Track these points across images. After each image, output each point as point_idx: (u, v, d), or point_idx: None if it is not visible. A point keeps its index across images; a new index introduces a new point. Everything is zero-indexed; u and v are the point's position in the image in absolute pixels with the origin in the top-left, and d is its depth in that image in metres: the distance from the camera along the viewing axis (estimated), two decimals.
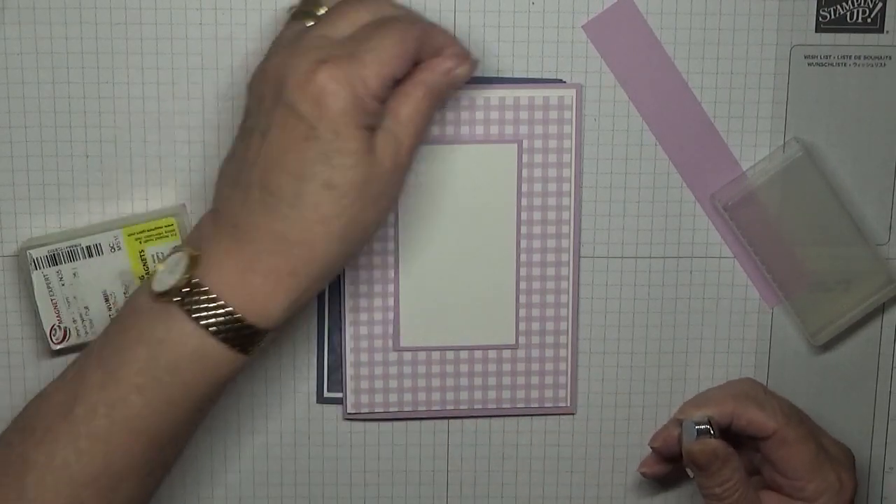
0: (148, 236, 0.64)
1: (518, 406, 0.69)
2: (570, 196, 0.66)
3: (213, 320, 0.54)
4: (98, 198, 0.66)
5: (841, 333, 0.68)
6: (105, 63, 0.65)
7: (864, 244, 0.67)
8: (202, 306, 0.54)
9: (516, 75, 0.66)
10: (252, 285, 0.54)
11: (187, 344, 0.54)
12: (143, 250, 0.64)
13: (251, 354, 0.55)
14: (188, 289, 0.54)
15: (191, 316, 0.54)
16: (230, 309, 0.54)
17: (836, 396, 0.70)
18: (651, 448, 0.68)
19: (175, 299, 0.54)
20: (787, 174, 0.66)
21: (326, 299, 0.67)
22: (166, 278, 0.54)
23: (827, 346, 0.69)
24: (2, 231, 0.66)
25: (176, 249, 0.56)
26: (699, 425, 0.63)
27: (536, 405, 0.69)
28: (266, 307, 0.54)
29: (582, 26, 0.65)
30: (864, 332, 0.69)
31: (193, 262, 0.54)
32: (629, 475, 0.70)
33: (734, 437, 0.65)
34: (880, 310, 0.69)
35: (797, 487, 0.64)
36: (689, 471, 0.65)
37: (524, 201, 0.66)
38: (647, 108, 0.66)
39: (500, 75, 0.66)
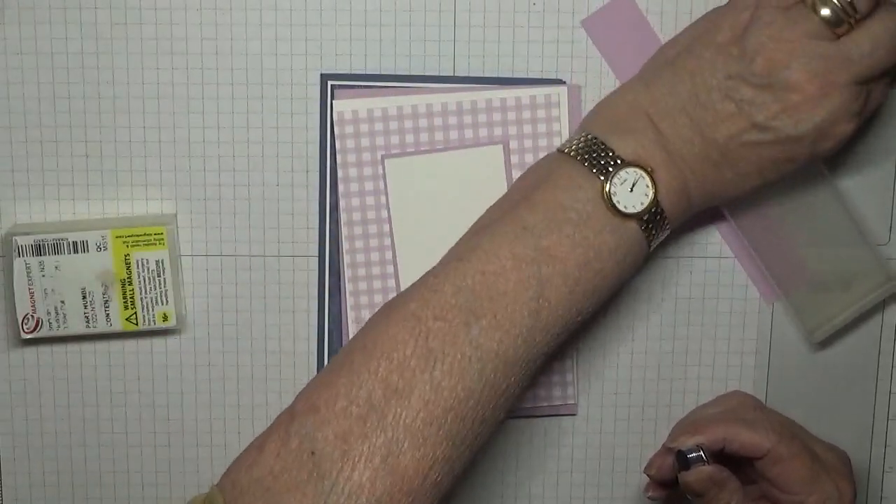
0: (136, 241, 0.64)
1: (526, 406, 0.68)
2: None
3: (660, 238, 0.60)
4: (98, 198, 0.66)
5: (841, 333, 0.68)
6: (105, 63, 0.65)
7: (864, 244, 0.67)
8: (656, 228, 0.59)
9: (516, 75, 0.66)
10: (687, 210, 0.61)
11: (639, 261, 0.60)
12: (128, 254, 0.64)
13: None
14: (648, 213, 0.58)
15: (647, 236, 0.59)
16: (670, 228, 0.61)
17: (836, 396, 0.70)
18: (647, 476, 0.68)
19: (638, 219, 0.58)
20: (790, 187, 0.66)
21: (326, 300, 0.67)
22: (633, 199, 0.58)
23: (827, 346, 0.69)
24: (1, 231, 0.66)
25: (616, 160, 0.58)
26: (690, 454, 0.63)
27: (545, 403, 0.69)
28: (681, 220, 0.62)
29: (581, 22, 0.65)
30: (863, 331, 0.69)
31: (655, 187, 0.58)
32: (630, 475, 0.70)
33: (728, 454, 0.65)
34: (880, 309, 0.69)
35: (796, 502, 0.64)
36: (688, 496, 0.65)
37: None
38: None
39: (499, 75, 0.66)
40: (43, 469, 0.69)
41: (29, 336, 0.65)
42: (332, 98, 0.65)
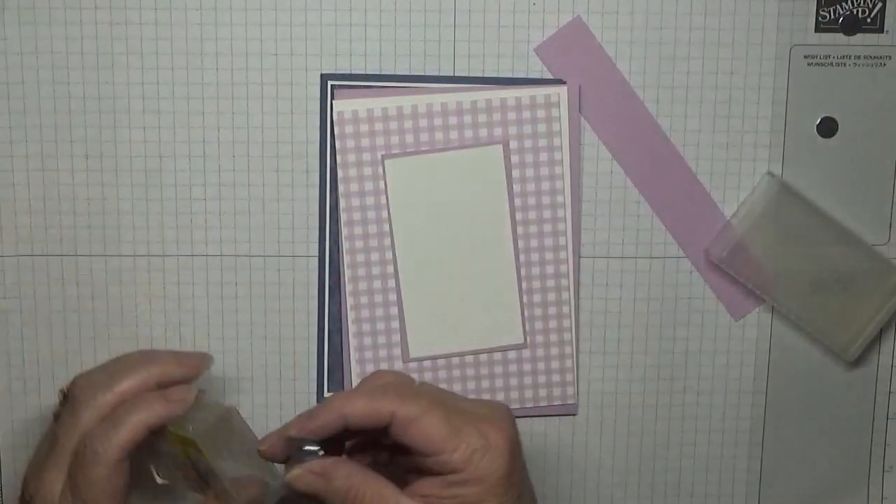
0: None
1: (526, 406, 0.68)
2: (564, 195, 0.66)
3: None
4: (98, 198, 0.66)
5: None
6: (105, 63, 0.65)
7: (864, 250, 0.67)
8: None
9: (516, 75, 0.66)
10: None
11: None
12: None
13: None
14: None
15: None
16: None
17: (836, 395, 0.70)
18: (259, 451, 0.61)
19: None
20: (767, 214, 0.66)
21: (326, 300, 0.67)
22: None
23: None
24: (1, 231, 0.66)
25: None
26: (304, 447, 0.58)
27: (545, 403, 0.69)
28: None
29: (534, 49, 0.65)
30: None
31: None
32: (630, 475, 0.70)
33: (356, 432, 0.59)
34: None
35: (443, 461, 0.57)
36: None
37: (518, 202, 0.66)
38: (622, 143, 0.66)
39: (499, 75, 0.66)
40: None
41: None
42: (332, 98, 0.65)
